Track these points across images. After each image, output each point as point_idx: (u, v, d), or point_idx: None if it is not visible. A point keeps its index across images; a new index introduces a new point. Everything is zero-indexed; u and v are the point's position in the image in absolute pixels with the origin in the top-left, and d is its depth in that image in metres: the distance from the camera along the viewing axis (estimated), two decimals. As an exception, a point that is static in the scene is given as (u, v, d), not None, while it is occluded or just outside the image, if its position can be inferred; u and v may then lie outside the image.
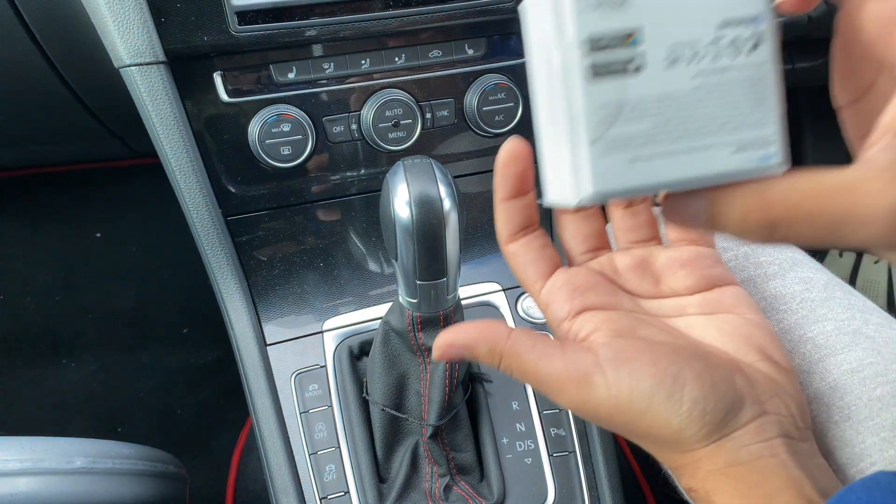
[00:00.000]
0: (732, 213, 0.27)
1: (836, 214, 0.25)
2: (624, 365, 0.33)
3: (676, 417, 0.33)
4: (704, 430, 0.33)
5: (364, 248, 0.70)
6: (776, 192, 0.26)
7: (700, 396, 0.33)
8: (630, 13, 0.26)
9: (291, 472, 0.58)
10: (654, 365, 0.33)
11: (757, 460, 0.33)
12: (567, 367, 0.33)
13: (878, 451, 0.39)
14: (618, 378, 0.33)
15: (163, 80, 0.56)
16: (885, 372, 0.42)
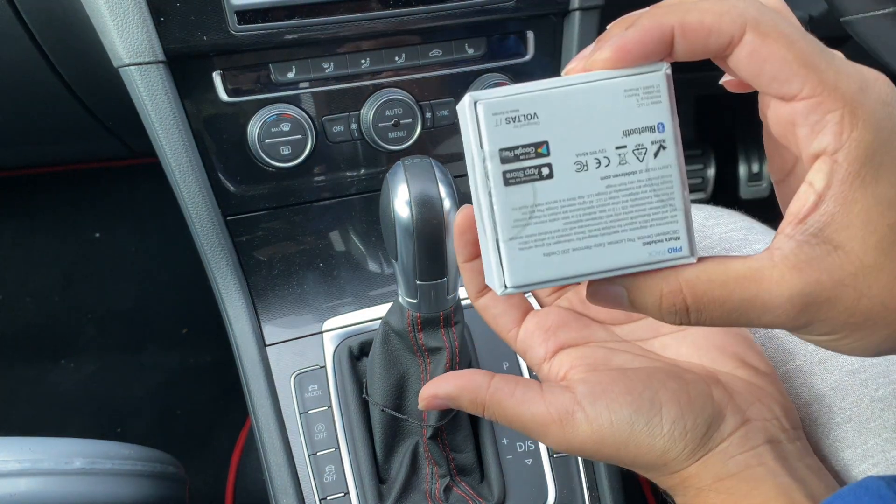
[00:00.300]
0: (648, 299, 0.29)
1: (741, 301, 0.27)
2: (600, 398, 0.34)
3: (659, 440, 0.33)
4: (689, 448, 0.34)
5: (364, 248, 0.70)
6: (685, 281, 0.28)
7: (678, 415, 0.33)
8: (539, 127, 0.29)
9: (291, 472, 0.58)
10: (629, 393, 0.34)
11: (744, 471, 0.34)
12: (548, 408, 0.34)
13: (881, 452, 0.39)
14: (596, 412, 0.34)
15: (162, 80, 0.56)
16: (886, 373, 0.42)
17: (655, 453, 0.34)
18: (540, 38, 0.65)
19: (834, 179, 0.26)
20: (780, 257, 0.27)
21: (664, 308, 0.29)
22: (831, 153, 0.26)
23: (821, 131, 0.26)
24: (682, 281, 0.28)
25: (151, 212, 1.45)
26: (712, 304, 0.28)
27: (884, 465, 0.39)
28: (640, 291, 0.29)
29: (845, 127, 0.26)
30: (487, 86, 0.64)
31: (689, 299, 0.28)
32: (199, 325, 1.38)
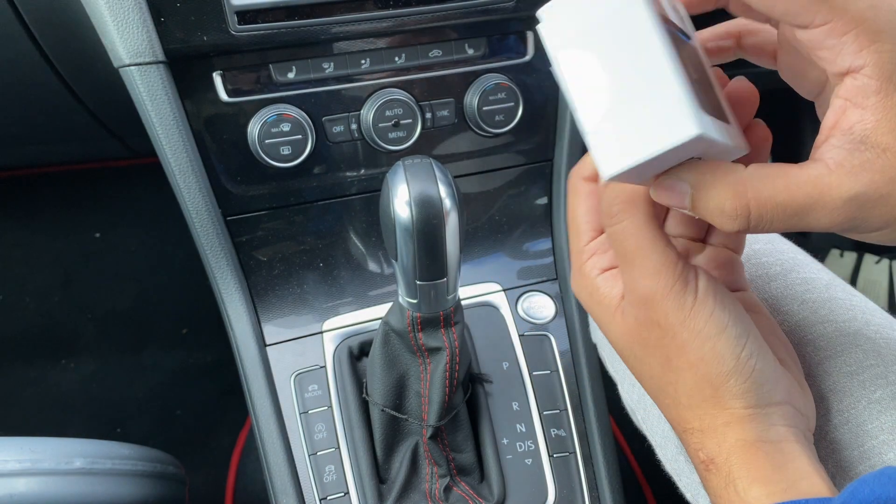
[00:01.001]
0: (713, 202, 0.31)
1: (803, 204, 0.29)
2: (714, 295, 0.35)
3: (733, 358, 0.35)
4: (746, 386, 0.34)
5: (364, 248, 0.70)
6: (752, 186, 0.30)
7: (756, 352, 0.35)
8: None
9: (291, 472, 0.58)
10: (735, 308, 0.36)
11: (784, 442, 0.34)
12: (679, 260, 0.35)
13: (878, 454, 0.39)
14: (706, 297, 0.35)
15: (162, 80, 0.56)
16: (885, 374, 0.42)
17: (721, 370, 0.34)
18: (540, 38, 0.65)
19: (869, 90, 0.28)
20: (834, 164, 0.29)
21: (728, 211, 0.30)
22: (857, 70, 0.28)
23: (840, 52, 0.28)
24: (747, 186, 0.30)
25: (151, 212, 1.45)
26: (776, 208, 0.30)
27: (880, 466, 0.38)
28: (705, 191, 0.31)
29: (863, 43, 0.28)
30: (488, 86, 0.64)
31: (753, 204, 0.30)
32: (199, 325, 1.38)
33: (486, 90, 0.64)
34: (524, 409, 0.62)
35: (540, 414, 0.62)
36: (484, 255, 0.71)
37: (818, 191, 0.29)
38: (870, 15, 0.28)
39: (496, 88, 0.64)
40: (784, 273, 0.50)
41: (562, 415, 0.62)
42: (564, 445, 0.61)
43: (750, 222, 0.30)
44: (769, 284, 0.49)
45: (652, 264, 0.35)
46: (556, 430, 0.61)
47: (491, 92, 0.64)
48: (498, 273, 0.70)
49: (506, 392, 0.62)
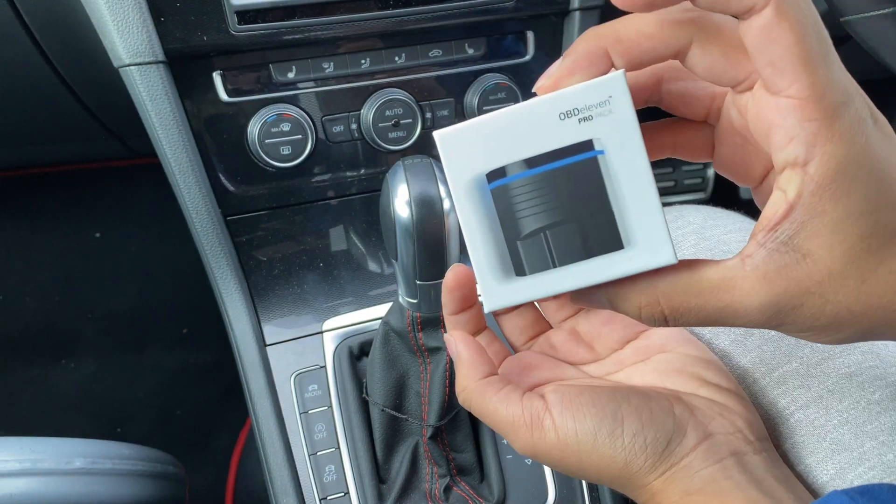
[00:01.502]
0: (629, 308, 0.31)
1: (714, 309, 0.29)
2: (568, 408, 0.35)
3: (621, 452, 0.34)
4: (650, 462, 0.34)
5: (364, 248, 0.70)
6: (662, 294, 0.30)
7: (639, 429, 0.34)
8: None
9: (291, 472, 0.58)
10: (594, 405, 0.35)
11: (710, 485, 0.34)
12: (522, 411, 0.36)
13: (877, 455, 0.39)
14: (563, 420, 0.35)
15: (162, 80, 0.56)
16: (883, 375, 0.42)
17: (618, 465, 0.35)
18: (540, 38, 0.65)
19: (805, 190, 0.27)
20: (751, 267, 0.28)
21: (644, 317, 0.31)
22: (802, 164, 0.27)
23: (795, 138, 0.27)
24: (658, 293, 0.30)
25: (151, 212, 1.45)
26: (688, 312, 0.30)
27: (879, 468, 0.38)
28: (621, 300, 0.31)
29: (819, 139, 0.26)
30: (488, 86, 0.64)
31: (666, 310, 0.30)
32: (199, 325, 1.38)
33: (486, 90, 0.64)
34: (524, 409, 0.61)
35: (540, 414, 0.62)
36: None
37: (730, 296, 0.29)
38: (839, 112, 0.26)
39: (496, 88, 0.64)
40: None
41: (562, 415, 0.62)
42: (564, 445, 0.61)
43: (668, 323, 0.31)
44: None
45: (507, 427, 0.36)
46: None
47: (491, 92, 0.64)
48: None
49: (506, 392, 0.62)
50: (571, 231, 0.30)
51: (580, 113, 0.29)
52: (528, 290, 0.31)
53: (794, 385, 0.43)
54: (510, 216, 0.30)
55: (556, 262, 0.30)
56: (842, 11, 0.56)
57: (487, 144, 0.30)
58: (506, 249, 0.31)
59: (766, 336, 0.45)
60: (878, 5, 0.54)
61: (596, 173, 0.29)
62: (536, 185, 0.30)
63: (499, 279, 0.31)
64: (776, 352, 0.44)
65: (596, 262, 0.30)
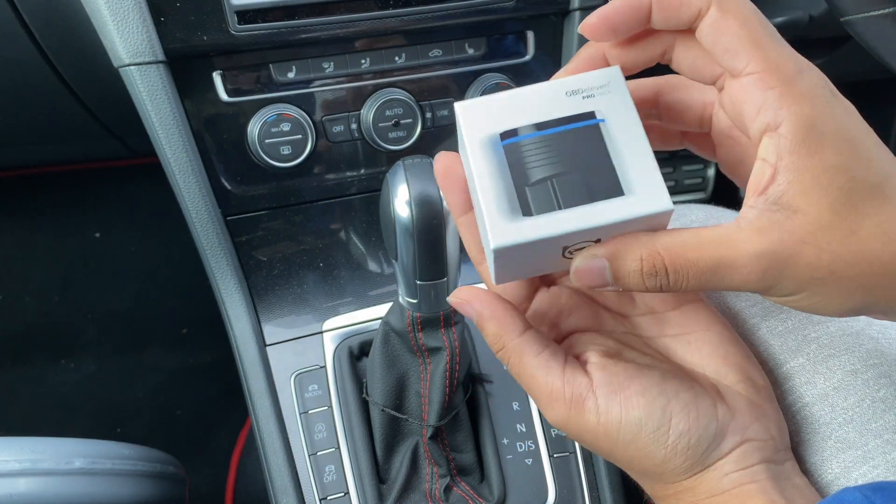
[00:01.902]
0: (630, 265, 0.32)
1: (712, 261, 0.30)
2: (616, 393, 0.35)
3: (661, 450, 0.34)
4: (688, 463, 0.34)
5: (364, 248, 0.70)
6: (662, 245, 0.31)
7: (685, 430, 0.34)
8: None
9: (291, 472, 0.58)
10: (643, 395, 0.34)
11: (737, 488, 0.34)
12: (563, 384, 0.35)
13: (882, 453, 0.39)
14: (608, 406, 0.34)
15: (162, 80, 0.56)
16: (889, 373, 0.41)
17: (654, 461, 0.34)
18: (540, 38, 0.65)
19: (783, 151, 0.29)
20: (745, 222, 0.30)
21: (645, 270, 0.31)
22: (774, 128, 0.29)
23: (762, 107, 0.29)
24: (658, 245, 0.31)
25: (151, 212, 1.45)
26: (687, 265, 0.31)
27: (884, 466, 0.38)
28: (621, 259, 0.32)
29: (784, 101, 0.29)
30: (488, 86, 0.64)
31: (666, 260, 0.31)
32: (199, 326, 1.38)
33: (487, 90, 0.64)
34: (524, 409, 0.61)
35: (540, 414, 0.62)
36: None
37: (726, 248, 0.30)
38: (796, 78, 0.29)
39: (496, 88, 0.64)
40: None
41: (562, 415, 0.62)
42: (564, 445, 0.61)
43: (669, 279, 0.31)
44: None
45: (545, 398, 0.35)
46: (556, 430, 0.61)
47: (491, 91, 0.64)
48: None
49: (506, 392, 0.62)
50: (576, 179, 0.32)
51: (584, 92, 0.33)
52: (535, 230, 0.32)
53: (800, 381, 0.43)
54: (520, 167, 0.33)
55: (562, 203, 0.32)
56: (842, 11, 0.56)
57: (501, 112, 0.34)
58: (514, 193, 0.32)
59: (772, 331, 0.45)
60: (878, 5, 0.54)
61: (598, 137, 0.33)
62: (545, 143, 0.33)
63: (506, 217, 0.32)
64: (783, 347, 0.44)
65: (598, 206, 0.32)
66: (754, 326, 0.46)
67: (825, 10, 0.84)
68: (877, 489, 0.31)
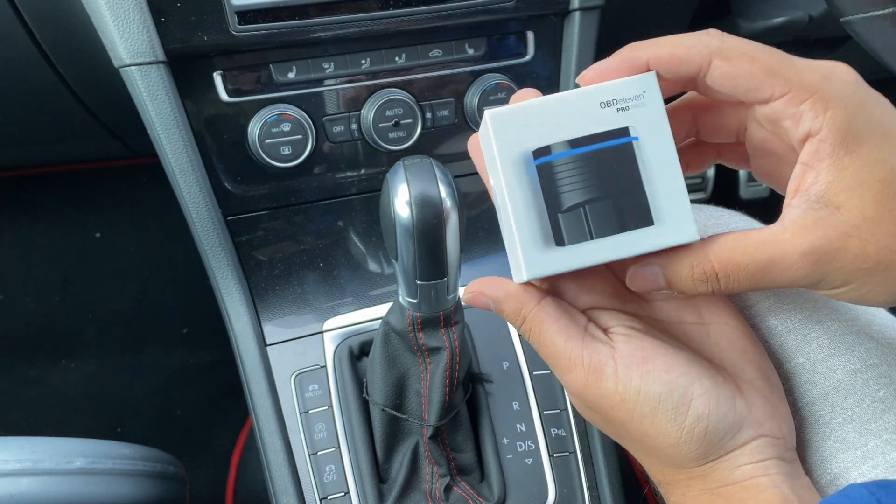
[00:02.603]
0: (683, 272, 0.33)
1: (761, 262, 0.31)
2: (639, 364, 0.35)
3: (677, 430, 0.34)
4: (702, 449, 0.35)
5: (364, 248, 0.70)
6: (712, 252, 0.32)
7: (704, 414, 0.34)
8: None
9: (291, 472, 0.58)
10: (667, 371, 0.35)
11: (749, 480, 0.34)
12: (583, 350, 0.35)
13: (881, 453, 0.39)
14: (628, 375, 0.34)
15: (162, 80, 0.56)
16: (888, 373, 0.42)
17: (669, 441, 0.34)
18: (540, 38, 0.65)
19: (823, 153, 0.31)
20: (789, 223, 0.31)
21: (696, 277, 0.33)
22: (815, 134, 0.31)
23: (800, 119, 0.31)
24: (709, 252, 0.33)
25: (151, 212, 1.45)
26: (737, 268, 0.32)
27: (883, 466, 0.38)
28: (674, 267, 0.33)
29: (818, 110, 0.31)
30: (488, 86, 0.64)
31: (717, 266, 0.32)
32: (199, 325, 1.38)
33: (487, 90, 0.64)
34: (524, 409, 0.62)
35: (540, 414, 0.62)
36: (484, 255, 0.71)
37: (773, 248, 0.31)
38: (823, 85, 0.31)
39: (496, 88, 0.64)
40: None
41: (562, 414, 0.62)
42: (564, 445, 0.61)
43: (719, 283, 0.33)
44: None
45: (563, 363, 0.36)
46: (556, 429, 0.61)
47: (491, 92, 0.64)
48: (498, 273, 0.69)
49: (506, 392, 0.62)
50: (608, 207, 0.33)
51: (618, 103, 0.33)
52: (567, 260, 0.33)
53: (800, 381, 0.43)
54: (552, 191, 0.33)
55: (594, 233, 0.33)
56: (842, 11, 0.56)
57: (534, 125, 0.33)
58: (547, 221, 0.33)
59: (773, 331, 0.45)
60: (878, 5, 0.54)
61: (631, 157, 0.33)
62: (578, 163, 0.33)
63: (540, 248, 0.33)
64: (783, 347, 0.44)
65: (629, 236, 0.33)
66: (754, 327, 0.46)
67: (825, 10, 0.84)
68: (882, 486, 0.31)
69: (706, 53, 0.32)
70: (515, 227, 0.33)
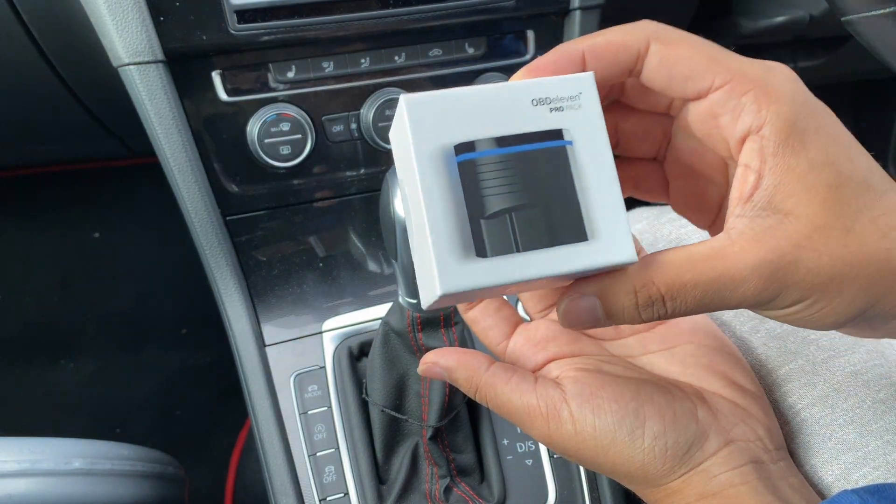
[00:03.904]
0: (622, 300, 0.29)
1: (710, 279, 0.28)
2: (588, 401, 0.34)
3: (639, 453, 0.34)
4: (668, 465, 0.34)
5: (364, 248, 0.70)
6: (655, 272, 0.29)
7: (661, 431, 0.34)
8: None
9: (290, 473, 0.58)
10: (616, 401, 0.34)
11: (728, 489, 0.34)
12: (538, 400, 0.35)
13: (882, 454, 0.39)
14: (582, 414, 0.34)
15: (161, 80, 0.56)
16: (888, 374, 0.42)
17: (635, 465, 0.34)
18: (540, 38, 0.65)
19: (766, 153, 0.28)
20: (736, 234, 0.28)
21: (641, 303, 0.29)
22: (756, 130, 0.28)
23: (741, 113, 0.29)
24: (651, 274, 0.29)
25: (151, 212, 1.45)
26: (684, 288, 0.29)
27: (884, 468, 0.38)
28: (613, 296, 0.30)
29: (762, 103, 0.28)
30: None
31: (662, 288, 0.29)
32: (198, 326, 1.38)
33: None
34: (524, 410, 0.61)
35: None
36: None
37: (722, 263, 0.28)
38: (766, 78, 0.28)
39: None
40: None
41: (562, 415, 0.62)
42: (565, 446, 0.61)
43: (666, 308, 0.29)
44: None
45: (524, 418, 0.35)
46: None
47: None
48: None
49: (506, 392, 0.62)
50: (537, 216, 0.29)
51: (552, 103, 0.30)
52: (489, 274, 0.28)
53: (800, 383, 0.43)
54: (475, 193, 0.29)
55: (520, 246, 0.29)
56: (842, 11, 0.56)
57: (458, 117, 0.29)
58: (468, 227, 0.28)
59: (771, 333, 0.45)
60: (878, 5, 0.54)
61: (564, 163, 0.29)
62: (506, 164, 0.29)
63: (458, 258, 0.28)
64: (782, 349, 0.44)
65: (559, 252, 0.29)
66: (752, 329, 0.46)
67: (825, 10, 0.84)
68: (873, 492, 0.31)
69: (644, 38, 0.30)
70: (430, 232, 0.28)
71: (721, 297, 0.29)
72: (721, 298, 0.29)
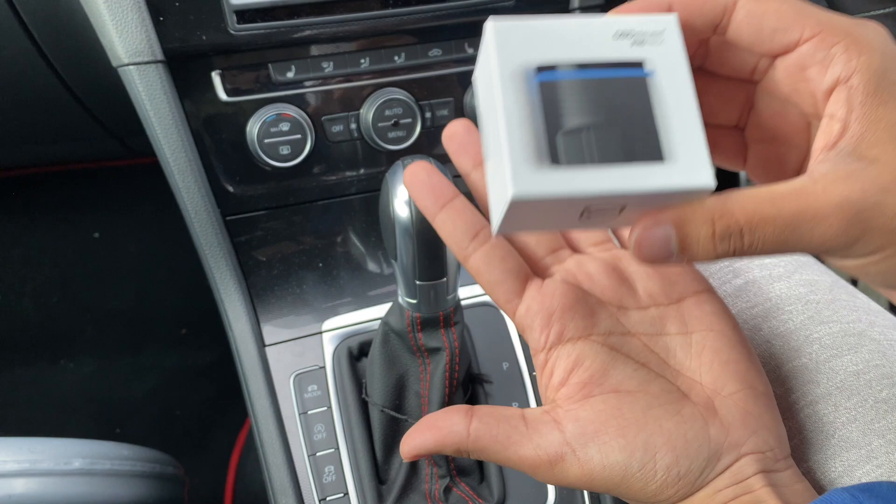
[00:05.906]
0: (701, 229, 0.28)
1: (791, 215, 0.27)
2: (592, 440, 0.33)
3: (652, 485, 0.33)
4: (682, 491, 0.33)
5: (364, 248, 0.70)
6: (736, 203, 0.28)
7: (673, 462, 0.33)
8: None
9: (290, 473, 0.58)
10: (622, 436, 0.33)
11: (731, 501, 0.33)
12: (536, 451, 0.33)
13: (885, 453, 0.39)
14: (587, 455, 0.33)
15: (161, 80, 0.56)
16: (890, 374, 0.42)
17: (647, 494, 0.33)
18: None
19: (854, 103, 0.28)
20: (819, 174, 0.28)
21: (718, 233, 0.28)
22: (845, 80, 0.28)
23: (830, 63, 0.28)
24: (730, 204, 0.28)
25: (151, 212, 1.45)
26: (763, 221, 0.28)
27: (887, 466, 0.38)
28: (689, 223, 0.28)
29: (852, 54, 0.28)
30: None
31: (742, 219, 0.28)
32: (198, 326, 1.38)
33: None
34: (524, 410, 0.61)
35: (540, 414, 0.61)
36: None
37: (804, 199, 0.27)
38: (856, 31, 0.28)
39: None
40: (788, 274, 0.50)
41: (562, 415, 0.62)
42: (564, 446, 0.61)
43: (743, 241, 0.28)
44: (773, 285, 0.49)
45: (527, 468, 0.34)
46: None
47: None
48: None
49: (506, 392, 0.62)
50: (614, 133, 0.29)
51: (635, 36, 0.30)
52: (562, 183, 0.28)
53: (803, 380, 0.43)
54: (553, 111, 0.29)
55: (596, 156, 0.28)
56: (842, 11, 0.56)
57: (541, 42, 0.30)
58: (545, 139, 0.28)
59: (775, 332, 0.45)
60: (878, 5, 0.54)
61: (643, 92, 0.30)
62: (586, 88, 0.29)
63: (531, 163, 0.28)
64: (785, 347, 0.44)
65: (634, 169, 0.28)
66: (756, 327, 0.46)
67: (825, 10, 0.83)
68: (864, 489, 0.31)
69: None
70: (506, 140, 0.28)
71: (800, 235, 0.28)
72: (800, 236, 0.28)
